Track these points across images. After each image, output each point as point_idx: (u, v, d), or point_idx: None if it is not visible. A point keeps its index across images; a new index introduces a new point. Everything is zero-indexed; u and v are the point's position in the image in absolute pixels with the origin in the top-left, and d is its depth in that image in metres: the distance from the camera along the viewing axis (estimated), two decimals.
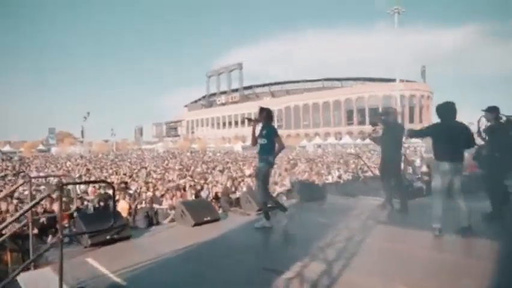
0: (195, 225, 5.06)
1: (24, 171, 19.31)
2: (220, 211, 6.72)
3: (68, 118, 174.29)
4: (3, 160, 35.50)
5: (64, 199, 8.59)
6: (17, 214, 2.56)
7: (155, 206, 9.70)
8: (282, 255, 3.83)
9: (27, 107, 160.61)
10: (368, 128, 66.50)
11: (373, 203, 6.59)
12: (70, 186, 6.89)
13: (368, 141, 56.34)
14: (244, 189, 9.70)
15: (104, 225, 4.07)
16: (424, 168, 13.60)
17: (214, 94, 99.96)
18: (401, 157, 6.14)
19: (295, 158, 26.59)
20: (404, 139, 6.07)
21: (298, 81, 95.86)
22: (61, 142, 75.46)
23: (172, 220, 7.72)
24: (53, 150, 64.31)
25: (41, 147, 68.23)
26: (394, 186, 5.94)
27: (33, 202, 2.77)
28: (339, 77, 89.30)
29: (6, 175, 16.65)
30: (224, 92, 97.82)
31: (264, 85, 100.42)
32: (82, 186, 13.41)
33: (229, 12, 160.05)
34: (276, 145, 4.94)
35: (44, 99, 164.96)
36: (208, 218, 5.22)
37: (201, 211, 5.24)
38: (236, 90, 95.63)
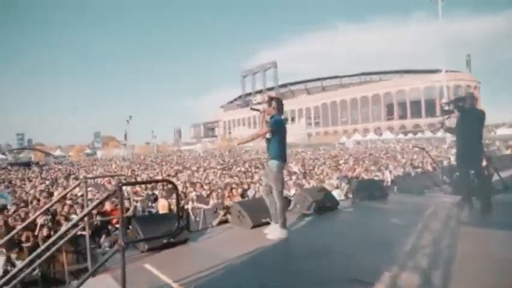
0: (253, 227, 4.67)
1: (74, 174, 20.07)
2: None
3: (112, 122, 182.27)
4: (55, 163, 37.43)
5: (113, 199, 8.60)
6: (82, 214, 2.27)
7: (202, 205, 9.49)
8: (361, 263, 3.31)
9: (74, 112, 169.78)
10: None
11: (446, 201, 5.89)
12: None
13: (410, 136, 54.22)
14: (293, 188, 9.23)
15: (161, 228, 3.80)
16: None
17: (249, 94, 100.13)
18: (483, 148, 5.39)
19: (338, 154, 25.73)
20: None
21: (334, 77, 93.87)
22: (106, 145, 78.77)
23: (223, 221, 7.43)
24: (99, 153, 67.14)
25: (87, 151, 71.70)
26: (474, 181, 5.22)
27: (97, 201, 2.49)
28: (377, 70, 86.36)
29: (57, 178, 17.32)
30: (259, 91, 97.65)
31: (299, 82, 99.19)
32: (128, 188, 13.57)
33: (261, 12, 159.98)
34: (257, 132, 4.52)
35: (89, 105, 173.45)
36: (267, 220, 4.81)
37: (258, 212, 4.85)
38: (271, 88, 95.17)
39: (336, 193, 7.67)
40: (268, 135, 4.33)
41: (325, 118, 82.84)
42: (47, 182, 15.11)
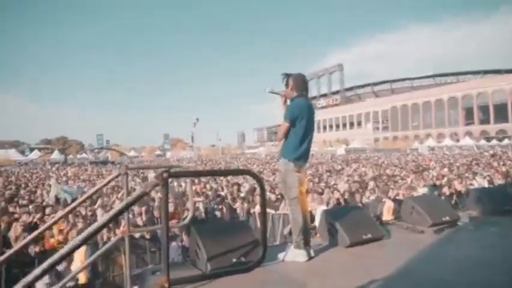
0: (351, 245, 3.42)
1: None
2: None
3: (181, 125, 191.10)
4: (128, 163, 39.29)
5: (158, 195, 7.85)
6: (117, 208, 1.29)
7: (270, 211, 8.44)
8: None
9: (146, 115, 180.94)
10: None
11: None
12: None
13: (494, 142, 48.12)
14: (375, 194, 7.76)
15: (233, 243, 2.76)
16: None
17: (314, 97, 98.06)
18: None
19: (415, 160, 23.16)
20: None
21: (404, 79, 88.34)
22: (174, 147, 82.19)
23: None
24: (168, 154, 70.17)
25: (158, 152, 75.53)
26: None
27: (137, 193, 1.51)
28: (454, 71, 79.32)
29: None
30: (324, 95, 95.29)
31: (366, 85, 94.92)
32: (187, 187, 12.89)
33: (326, 15, 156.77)
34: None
35: (160, 108, 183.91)
36: (369, 236, 3.53)
37: (357, 225, 3.59)
38: (337, 92, 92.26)
39: None
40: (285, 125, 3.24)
41: (394, 122, 77.88)
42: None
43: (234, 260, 2.90)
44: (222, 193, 10.23)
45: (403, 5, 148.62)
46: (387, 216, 6.95)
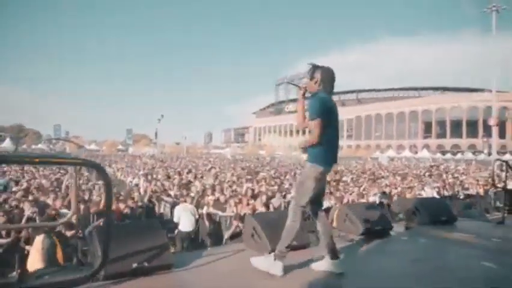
0: (273, 251, 3.19)
1: None
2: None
3: (146, 121, 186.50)
4: (85, 156, 37.58)
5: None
6: None
7: (217, 212, 8.16)
8: None
9: (111, 109, 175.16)
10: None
11: None
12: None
13: (449, 156, 50.58)
14: (332, 200, 7.67)
15: (138, 245, 2.46)
16: None
17: (283, 101, 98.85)
18: None
19: (373, 169, 23.67)
20: None
21: (370, 90, 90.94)
22: (137, 143, 79.78)
23: (236, 234, 6.01)
24: (130, 150, 67.96)
25: (120, 147, 73.07)
26: None
27: None
28: (417, 86, 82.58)
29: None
30: (293, 100, 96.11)
31: (334, 93, 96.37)
32: (135, 180, 12.44)
33: (300, 22, 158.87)
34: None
35: (125, 102, 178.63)
36: (294, 243, 3.32)
37: (282, 231, 3.37)
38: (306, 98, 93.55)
39: None
40: (306, 125, 2.89)
41: (358, 131, 79.95)
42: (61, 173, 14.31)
43: (135, 264, 2.58)
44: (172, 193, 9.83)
45: (377, 17, 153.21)
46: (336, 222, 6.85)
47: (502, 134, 61.10)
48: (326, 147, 2.80)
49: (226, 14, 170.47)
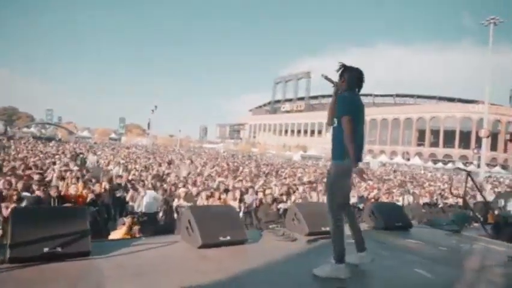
0: (203, 246, 3.12)
1: (82, 154, 19.24)
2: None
3: (139, 111, 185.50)
4: (75, 142, 37.22)
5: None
6: None
7: (188, 204, 8.08)
8: None
9: (104, 97, 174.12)
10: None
11: (496, 250, 4.12)
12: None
13: (440, 165, 50.86)
14: (296, 199, 7.61)
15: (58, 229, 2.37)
16: None
17: (279, 101, 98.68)
18: None
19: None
20: None
21: (367, 95, 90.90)
22: (130, 132, 79.38)
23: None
24: (123, 139, 67.57)
25: (113, 135, 72.62)
26: None
27: None
28: (413, 93, 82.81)
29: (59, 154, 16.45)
30: (290, 100, 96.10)
31: (330, 95, 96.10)
32: (116, 169, 12.34)
33: (301, 22, 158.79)
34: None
35: (120, 91, 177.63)
36: (228, 238, 3.24)
37: (218, 225, 3.29)
38: (302, 98, 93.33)
39: None
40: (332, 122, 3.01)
41: None
42: (40, 156, 14.15)
43: (46, 249, 2.49)
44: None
45: (377, 22, 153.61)
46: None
47: (493, 147, 61.59)
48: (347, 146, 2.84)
49: (229, 9, 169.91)
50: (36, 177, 7.48)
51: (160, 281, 2.38)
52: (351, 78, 3.06)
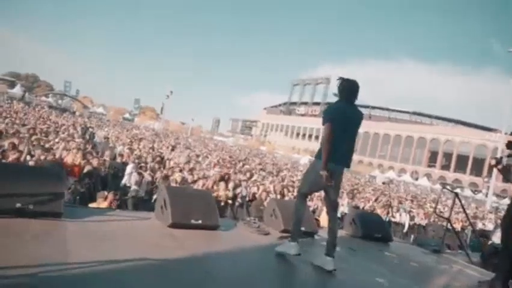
0: (173, 226, 3.20)
1: (92, 128, 19.59)
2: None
3: (154, 94, 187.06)
4: (88, 117, 37.85)
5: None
6: None
7: None
8: None
9: (123, 75, 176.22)
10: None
11: (470, 273, 4.10)
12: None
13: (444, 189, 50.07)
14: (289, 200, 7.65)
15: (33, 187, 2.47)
16: None
17: (295, 103, 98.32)
18: None
19: (363, 185, 23.58)
20: None
21: (384, 109, 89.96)
22: (143, 114, 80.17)
23: None
24: (136, 120, 68.31)
25: (127, 115, 73.42)
26: None
27: None
28: (431, 113, 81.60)
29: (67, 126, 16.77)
30: (305, 103, 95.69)
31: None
32: (120, 147, 12.52)
33: (325, 28, 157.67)
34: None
35: (134, 72, 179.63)
36: (199, 222, 3.32)
37: (192, 208, 3.37)
38: (318, 103, 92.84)
39: None
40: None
41: (363, 147, 79.29)
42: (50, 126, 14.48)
43: (18, 205, 2.60)
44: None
45: (400, 38, 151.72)
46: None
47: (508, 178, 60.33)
48: (332, 148, 3.02)
49: (253, 6, 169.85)
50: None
51: (119, 248, 2.48)
52: (342, 88, 3.26)
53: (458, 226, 12.49)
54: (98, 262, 2.10)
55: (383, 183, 29.22)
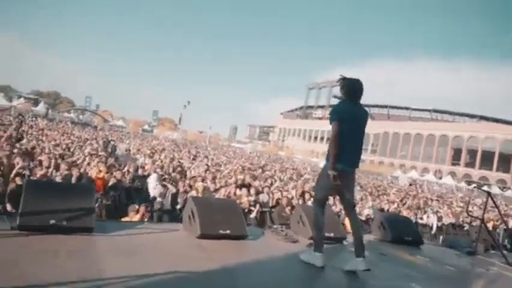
0: (202, 237, 3.20)
1: (113, 141, 20.03)
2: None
3: (172, 105, 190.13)
4: (109, 130, 38.75)
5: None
6: None
7: None
8: None
9: (142, 88, 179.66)
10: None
11: (509, 276, 3.94)
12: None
13: (471, 187, 48.55)
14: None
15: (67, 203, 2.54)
16: None
17: (311, 107, 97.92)
18: None
19: (386, 186, 23.12)
20: None
21: (403, 108, 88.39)
22: (162, 125, 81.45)
23: None
24: (155, 131, 69.44)
25: (146, 127, 74.80)
26: None
27: None
28: (452, 110, 79.59)
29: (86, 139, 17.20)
30: (322, 107, 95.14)
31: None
32: (142, 159, 12.72)
33: (339, 28, 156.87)
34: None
35: (152, 84, 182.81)
36: (227, 232, 3.31)
37: (219, 218, 3.37)
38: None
39: None
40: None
41: (383, 148, 77.98)
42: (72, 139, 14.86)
43: (52, 221, 2.65)
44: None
45: (417, 37, 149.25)
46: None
47: None
48: (335, 149, 3.01)
49: (268, 11, 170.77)
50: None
51: (149, 261, 2.49)
52: (347, 87, 3.21)
53: (489, 225, 12.09)
54: (130, 277, 2.11)
55: (410, 184, 28.61)
